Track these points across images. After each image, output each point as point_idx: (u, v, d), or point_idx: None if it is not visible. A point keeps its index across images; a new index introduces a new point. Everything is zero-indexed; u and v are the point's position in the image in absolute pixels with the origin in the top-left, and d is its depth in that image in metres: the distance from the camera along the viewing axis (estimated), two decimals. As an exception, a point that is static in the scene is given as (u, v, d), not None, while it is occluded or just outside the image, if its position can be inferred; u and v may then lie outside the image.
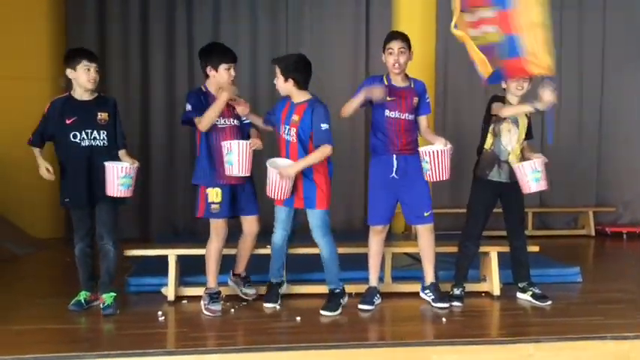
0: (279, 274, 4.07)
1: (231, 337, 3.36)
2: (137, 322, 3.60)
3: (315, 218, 3.84)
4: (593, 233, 7.35)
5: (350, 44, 7.17)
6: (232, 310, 3.87)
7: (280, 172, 3.66)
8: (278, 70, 3.81)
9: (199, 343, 3.23)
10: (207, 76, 3.89)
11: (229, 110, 3.85)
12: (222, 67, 3.80)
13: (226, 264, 4.01)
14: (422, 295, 4.07)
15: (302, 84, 3.82)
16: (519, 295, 4.19)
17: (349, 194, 7.04)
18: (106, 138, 3.78)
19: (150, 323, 3.59)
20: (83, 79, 3.72)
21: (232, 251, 4.06)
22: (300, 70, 3.81)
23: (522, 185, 3.93)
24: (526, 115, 4.05)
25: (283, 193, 3.73)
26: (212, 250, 3.86)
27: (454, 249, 4.28)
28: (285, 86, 3.83)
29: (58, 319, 3.66)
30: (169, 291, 4.07)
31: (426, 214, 3.96)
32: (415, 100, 3.97)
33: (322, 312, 3.79)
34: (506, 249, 4.26)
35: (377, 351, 3.24)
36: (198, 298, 3.93)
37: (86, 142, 3.73)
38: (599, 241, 7.11)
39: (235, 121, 3.88)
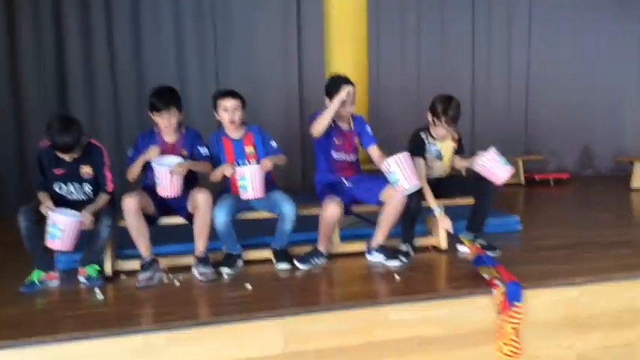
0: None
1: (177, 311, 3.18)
2: (76, 302, 3.35)
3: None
4: (522, 182, 7.55)
5: (281, 40, 6.92)
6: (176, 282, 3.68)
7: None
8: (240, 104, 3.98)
9: (145, 320, 3.04)
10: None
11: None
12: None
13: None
14: (368, 257, 4.03)
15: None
16: (461, 248, 4.20)
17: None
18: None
19: (87, 301, 3.36)
20: None
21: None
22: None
23: (495, 175, 3.95)
24: (452, 139, 4.31)
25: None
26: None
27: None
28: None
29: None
30: (106, 266, 3.82)
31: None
32: (356, 139, 4.18)
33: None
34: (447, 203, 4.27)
35: (334, 315, 3.14)
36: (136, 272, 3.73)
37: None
38: (529, 189, 7.31)
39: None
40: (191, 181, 3.91)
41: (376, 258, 3.99)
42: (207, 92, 6.35)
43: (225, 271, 3.81)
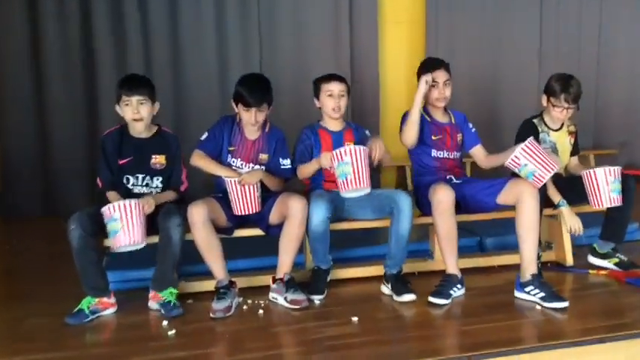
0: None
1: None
2: (143, 341, 2.64)
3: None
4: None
5: (331, 25, 6.13)
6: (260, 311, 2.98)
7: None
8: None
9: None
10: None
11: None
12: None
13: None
14: (518, 294, 3.05)
15: None
16: (595, 260, 3.50)
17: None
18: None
19: (155, 340, 2.66)
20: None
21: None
22: None
23: (594, 198, 3.29)
24: (569, 132, 3.61)
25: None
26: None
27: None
28: None
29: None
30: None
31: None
32: (459, 136, 3.54)
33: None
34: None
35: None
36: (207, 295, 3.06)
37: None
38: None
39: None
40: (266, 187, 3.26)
41: (532, 295, 2.98)
42: None
43: (317, 297, 3.11)
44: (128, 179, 3.16)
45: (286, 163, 3.34)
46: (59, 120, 5.54)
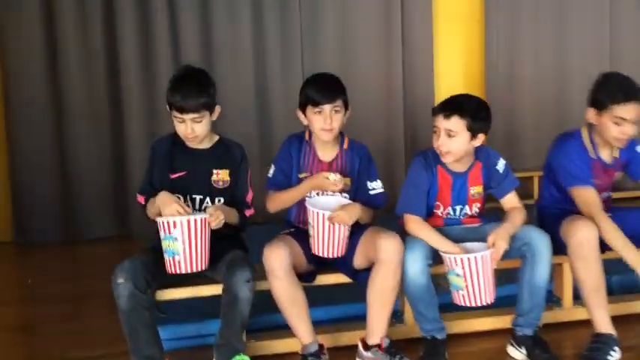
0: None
1: None
2: None
3: None
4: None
5: (381, 26, 5.43)
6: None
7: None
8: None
9: None
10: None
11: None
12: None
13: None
14: None
15: None
16: None
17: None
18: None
19: None
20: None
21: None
22: None
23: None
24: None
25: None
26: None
27: None
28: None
29: None
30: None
31: None
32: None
33: None
34: None
35: None
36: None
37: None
38: None
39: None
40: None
41: None
42: (291, 92, 4.99)
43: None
44: (180, 199, 2.48)
45: (376, 186, 2.65)
46: (78, 132, 4.86)
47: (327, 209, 2.40)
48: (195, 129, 2.44)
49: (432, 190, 2.60)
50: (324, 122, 2.52)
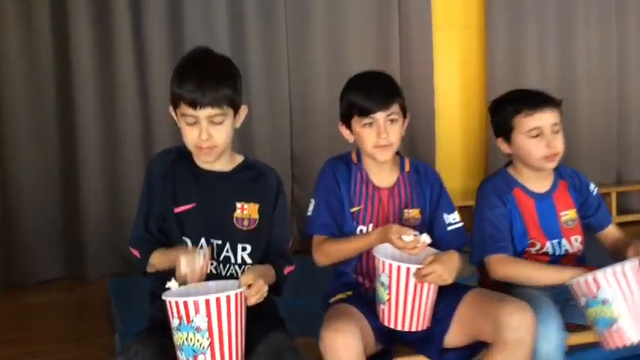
0: None
1: None
2: None
3: None
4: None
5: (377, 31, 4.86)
6: None
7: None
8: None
9: None
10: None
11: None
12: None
13: None
14: None
15: None
16: None
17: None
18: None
19: None
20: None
21: None
22: None
23: None
24: None
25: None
26: None
27: None
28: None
29: None
30: None
31: None
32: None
33: None
34: None
35: None
36: None
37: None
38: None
39: None
40: None
41: None
42: (276, 107, 4.46)
43: None
44: (187, 244, 1.76)
45: (454, 219, 2.03)
46: (22, 159, 4.04)
47: (408, 260, 1.74)
48: (213, 134, 1.70)
49: (515, 223, 2.03)
50: (377, 137, 1.90)
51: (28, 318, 3.49)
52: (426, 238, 1.77)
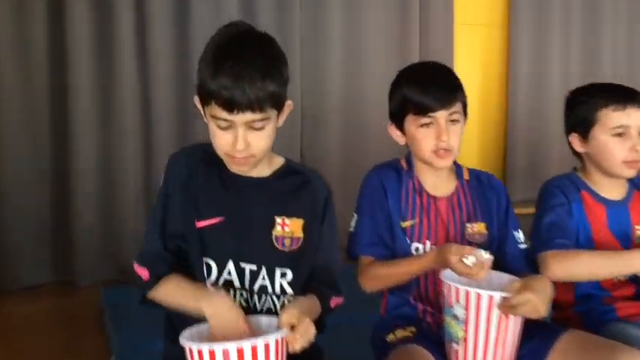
0: None
1: None
2: None
3: None
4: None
5: (395, 38, 4.50)
6: None
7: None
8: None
9: None
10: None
11: None
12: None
13: None
14: None
15: None
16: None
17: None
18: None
19: None
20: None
21: None
22: None
23: None
24: None
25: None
26: None
27: None
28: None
29: None
30: None
31: None
32: None
33: None
34: None
35: None
36: None
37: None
38: None
39: None
40: None
41: None
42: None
43: None
44: (210, 269, 1.42)
45: (521, 237, 1.74)
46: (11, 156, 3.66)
47: (478, 286, 1.42)
48: (252, 142, 1.37)
49: (581, 227, 1.74)
50: (437, 139, 1.63)
51: (10, 330, 3.13)
52: (487, 256, 1.46)
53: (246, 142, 1.34)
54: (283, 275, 1.45)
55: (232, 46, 1.35)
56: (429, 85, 1.64)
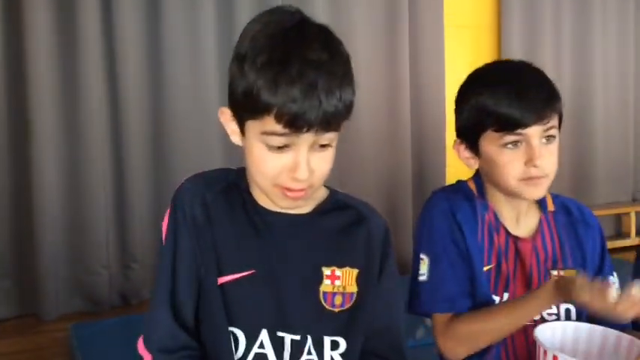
0: None
1: None
2: None
3: None
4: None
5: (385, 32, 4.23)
6: None
7: None
8: None
9: None
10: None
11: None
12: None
13: None
14: None
15: None
16: None
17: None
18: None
19: None
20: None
21: None
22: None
23: None
24: None
25: None
26: None
27: None
28: None
29: None
30: None
31: None
32: None
33: None
34: None
35: None
36: None
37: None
38: None
39: None
40: None
41: None
42: None
43: None
44: (237, 340, 1.06)
45: (617, 283, 1.35)
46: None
47: (586, 351, 1.08)
48: (316, 168, 1.03)
49: None
50: (528, 163, 1.25)
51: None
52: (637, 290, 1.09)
53: (310, 169, 1.00)
54: (335, 346, 1.09)
55: (294, 42, 0.98)
56: (519, 92, 1.26)
